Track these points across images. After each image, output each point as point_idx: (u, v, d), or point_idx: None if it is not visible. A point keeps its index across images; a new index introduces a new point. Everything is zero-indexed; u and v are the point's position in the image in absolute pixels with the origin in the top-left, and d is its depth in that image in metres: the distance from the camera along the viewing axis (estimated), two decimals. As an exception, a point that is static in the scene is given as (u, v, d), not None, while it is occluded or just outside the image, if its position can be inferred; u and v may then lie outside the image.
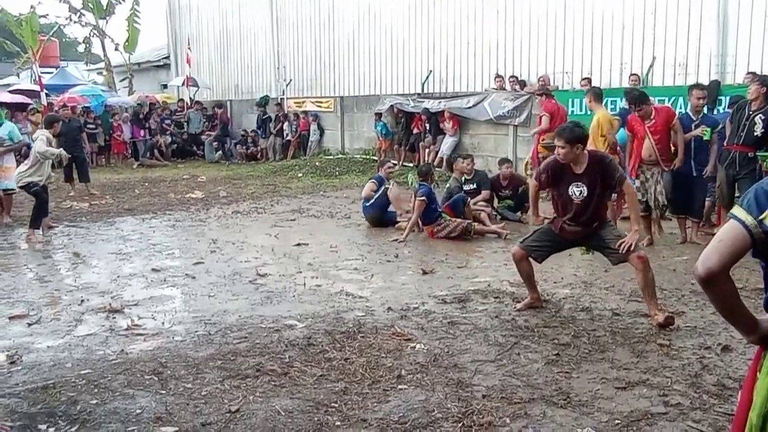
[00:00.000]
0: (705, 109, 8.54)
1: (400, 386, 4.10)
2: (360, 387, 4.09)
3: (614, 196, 7.67)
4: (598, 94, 8.90)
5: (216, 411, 3.80)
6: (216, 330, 5.19)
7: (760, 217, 1.87)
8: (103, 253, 8.18)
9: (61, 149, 9.93)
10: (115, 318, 5.57)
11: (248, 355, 4.63)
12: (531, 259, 5.58)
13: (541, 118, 11.02)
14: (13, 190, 10.01)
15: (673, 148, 7.95)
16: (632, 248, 5.13)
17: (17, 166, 9.79)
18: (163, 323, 5.40)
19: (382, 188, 9.56)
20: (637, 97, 8.06)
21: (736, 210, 1.93)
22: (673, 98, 11.14)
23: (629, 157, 8.35)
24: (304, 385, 4.14)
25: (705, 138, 8.02)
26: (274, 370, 4.35)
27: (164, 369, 4.40)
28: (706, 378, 4.19)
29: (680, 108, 9.76)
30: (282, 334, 5.06)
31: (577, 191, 5.25)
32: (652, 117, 7.87)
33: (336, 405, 3.85)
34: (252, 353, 4.67)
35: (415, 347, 4.75)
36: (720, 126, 8.19)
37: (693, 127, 8.05)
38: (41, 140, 9.22)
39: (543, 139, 10.65)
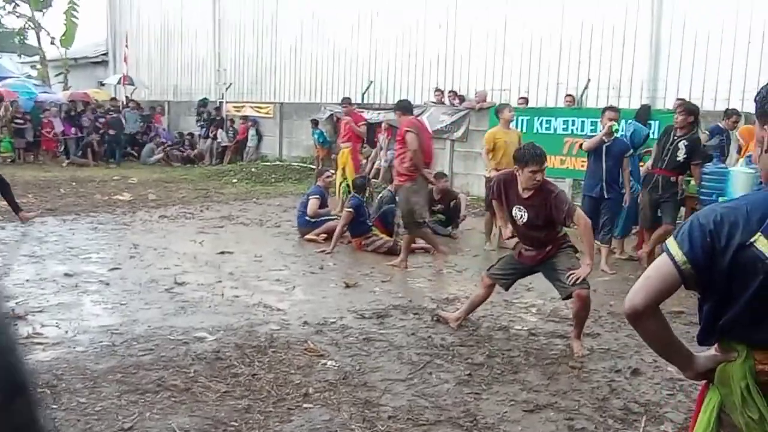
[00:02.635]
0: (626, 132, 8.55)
1: (305, 405, 3.98)
2: (264, 405, 3.95)
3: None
4: None
5: (108, 428, 3.62)
6: (121, 341, 4.97)
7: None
8: (14, 255, 7.82)
9: None
10: (16, 325, 5.29)
11: (151, 369, 4.44)
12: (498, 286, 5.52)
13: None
14: None
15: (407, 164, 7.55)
16: (579, 281, 4.92)
17: None
18: (66, 332, 5.15)
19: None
20: (396, 106, 8.21)
21: (670, 243, 1.85)
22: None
23: None
24: (206, 402, 3.98)
25: (614, 129, 7.71)
26: (176, 386, 4.18)
27: (59, 382, 4.18)
28: (613, 402, 4.20)
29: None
30: (190, 346, 4.88)
31: (518, 214, 5.08)
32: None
33: (236, 424, 3.71)
34: (155, 366, 4.48)
35: (326, 364, 4.64)
36: (630, 152, 8.14)
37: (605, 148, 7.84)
38: None
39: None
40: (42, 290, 6.33)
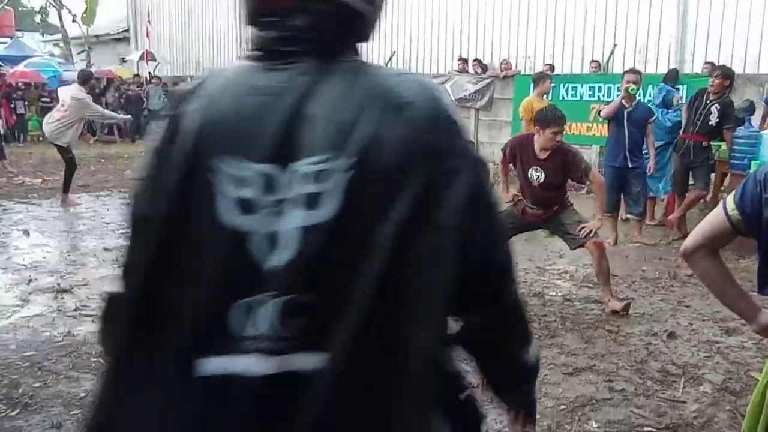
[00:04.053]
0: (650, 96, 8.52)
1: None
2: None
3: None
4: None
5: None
6: (167, 312, 5.11)
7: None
8: (54, 231, 8.01)
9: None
10: (63, 298, 5.46)
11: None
12: None
13: None
14: None
15: None
16: (591, 234, 5.13)
17: None
18: (112, 304, 5.31)
19: None
20: None
21: (730, 194, 1.92)
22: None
23: None
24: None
25: (632, 90, 7.24)
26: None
27: (111, 351, 4.33)
28: (651, 364, 4.27)
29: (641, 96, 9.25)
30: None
31: (535, 175, 5.20)
32: None
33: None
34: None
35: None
36: (654, 117, 7.80)
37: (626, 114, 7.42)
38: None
39: None
40: (84, 264, 6.51)
